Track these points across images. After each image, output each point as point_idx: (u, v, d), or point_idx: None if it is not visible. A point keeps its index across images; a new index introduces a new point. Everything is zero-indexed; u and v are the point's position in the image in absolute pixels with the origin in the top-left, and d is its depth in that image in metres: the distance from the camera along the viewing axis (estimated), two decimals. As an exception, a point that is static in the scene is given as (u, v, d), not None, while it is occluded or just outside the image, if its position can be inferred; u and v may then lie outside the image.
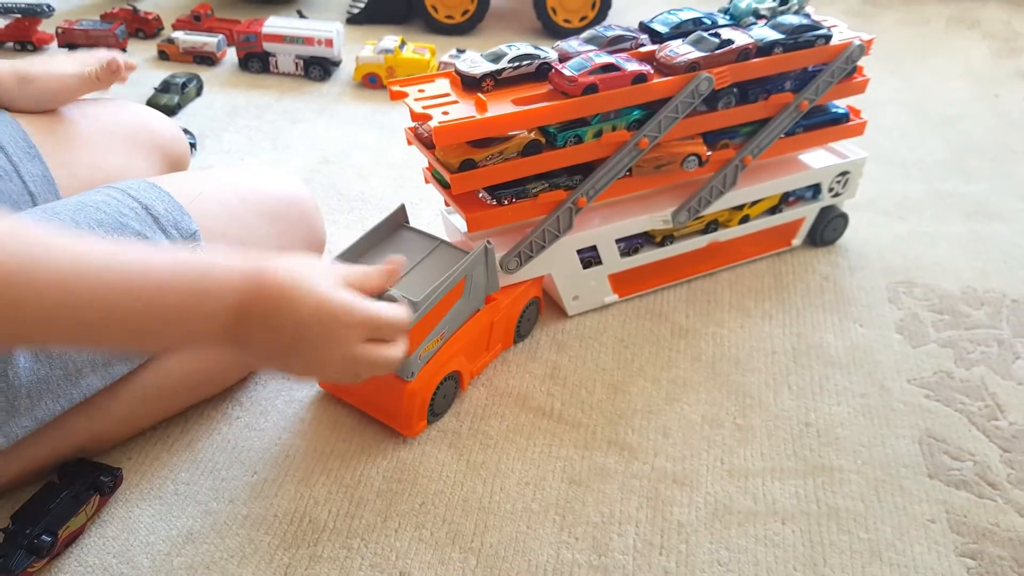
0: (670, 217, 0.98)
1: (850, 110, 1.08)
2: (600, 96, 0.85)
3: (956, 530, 0.76)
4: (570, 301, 0.99)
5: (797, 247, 1.13)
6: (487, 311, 0.89)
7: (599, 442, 0.84)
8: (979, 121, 1.54)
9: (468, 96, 0.85)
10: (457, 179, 0.84)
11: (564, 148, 0.87)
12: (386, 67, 1.57)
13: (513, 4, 2.06)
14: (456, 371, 0.85)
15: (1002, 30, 2.00)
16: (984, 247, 1.16)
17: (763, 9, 1.00)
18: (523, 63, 0.87)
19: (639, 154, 0.91)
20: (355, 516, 0.76)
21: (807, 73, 0.99)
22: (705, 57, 0.89)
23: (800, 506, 0.78)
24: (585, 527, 0.75)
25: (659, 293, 1.04)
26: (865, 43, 0.99)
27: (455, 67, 0.88)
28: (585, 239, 0.95)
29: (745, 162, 0.98)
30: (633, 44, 0.93)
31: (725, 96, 0.94)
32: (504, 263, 0.90)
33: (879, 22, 2.06)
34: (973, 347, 0.98)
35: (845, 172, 1.09)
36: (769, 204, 1.07)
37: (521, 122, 0.84)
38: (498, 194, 0.88)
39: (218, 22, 1.77)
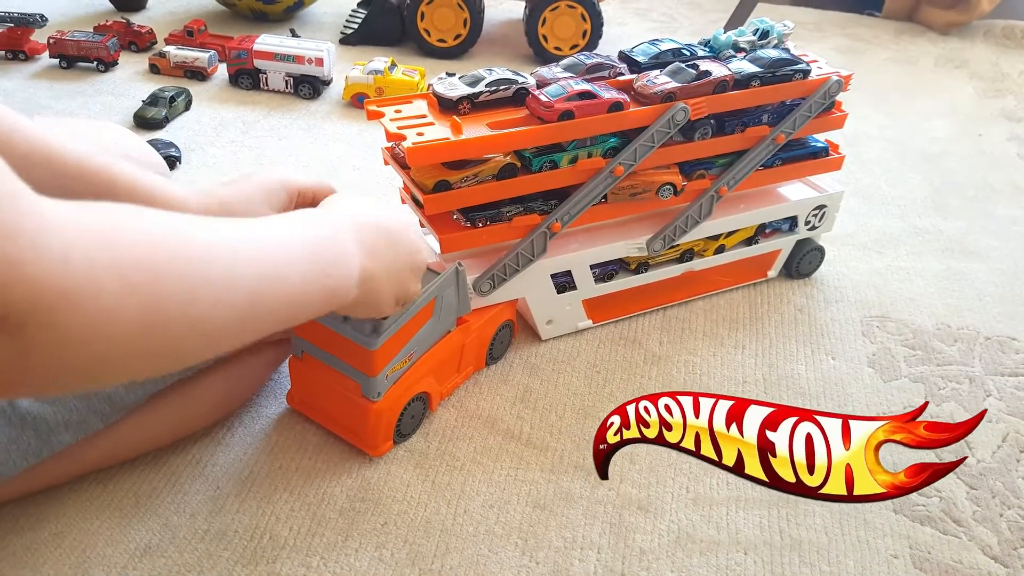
0: (645, 245, 0.98)
1: (829, 144, 1.09)
2: (576, 123, 0.85)
3: (919, 566, 0.76)
4: (544, 325, 0.99)
5: (773, 278, 1.13)
6: (458, 333, 0.89)
7: (566, 466, 0.84)
8: (961, 159, 1.56)
9: (444, 118, 0.85)
10: (431, 200, 0.84)
11: (539, 173, 0.88)
12: (375, 88, 1.58)
13: (505, 30, 2.08)
14: (425, 392, 0.85)
15: (989, 70, 2.03)
16: (959, 284, 1.17)
17: (743, 42, 1.01)
18: (500, 87, 0.87)
19: (614, 181, 0.91)
20: (316, 534, 0.75)
21: (785, 106, 1.00)
22: (682, 88, 0.89)
23: (763, 536, 0.78)
24: (547, 551, 0.75)
25: (634, 319, 1.05)
26: (843, 79, 1.00)
27: (432, 89, 0.88)
28: (560, 264, 0.95)
29: (721, 193, 0.99)
30: (612, 72, 0.94)
31: (702, 127, 0.94)
32: (477, 285, 0.90)
33: (868, 59, 2.08)
34: (944, 383, 0.98)
35: (822, 206, 1.09)
36: (745, 235, 1.07)
37: (495, 145, 0.84)
38: (472, 216, 0.88)
39: (211, 38, 1.78)
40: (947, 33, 2.26)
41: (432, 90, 0.88)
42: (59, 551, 0.72)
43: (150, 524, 0.75)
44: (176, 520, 0.76)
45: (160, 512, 0.77)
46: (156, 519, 0.76)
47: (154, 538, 0.74)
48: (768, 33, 1.02)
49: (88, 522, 0.75)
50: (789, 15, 2.37)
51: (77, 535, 0.74)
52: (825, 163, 1.08)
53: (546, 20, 1.83)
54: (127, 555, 0.73)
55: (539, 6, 1.81)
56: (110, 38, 1.69)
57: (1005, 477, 0.86)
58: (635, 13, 2.32)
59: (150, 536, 0.74)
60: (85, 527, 0.75)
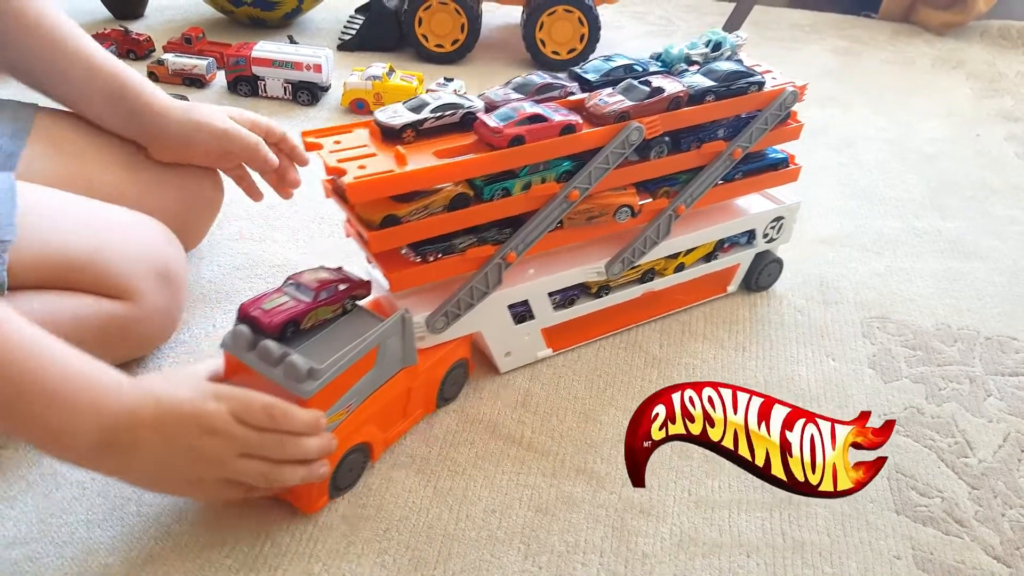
0: (604, 268, 0.95)
1: (788, 156, 1.07)
2: (527, 148, 0.81)
3: (922, 567, 0.76)
4: (502, 358, 0.94)
5: (733, 293, 1.11)
6: (404, 377, 0.82)
7: (567, 470, 0.84)
8: (959, 160, 1.56)
9: (388, 148, 0.80)
10: (377, 237, 0.79)
11: (492, 201, 0.84)
12: (373, 93, 1.58)
13: (503, 35, 2.09)
14: (365, 442, 0.80)
15: (986, 71, 2.03)
16: (959, 284, 1.17)
17: (695, 55, 0.98)
18: (446, 113, 0.83)
19: (570, 206, 0.88)
20: (318, 540, 0.75)
21: (741, 120, 0.97)
22: (635, 106, 0.86)
23: (766, 539, 0.78)
24: (549, 556, 0.75)
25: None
26: (798, 89, 0.97)
27: (374, 117, 0.83)
28: (517, 294, 0.91)
29: (679, 211, 0.96)
30: (562, 92, 0.90)
31: (657, 145, 0.91)
32: (431, 323, 0.85)
33: (865, 61, 2.09)
34: (945, 383, 0.98)
35: (780, 218, 1.07)
36: (704, 251, 1.04)
37: (443, 176, 0.79)
38: (423, 250, 0.83)
39: (209, 45, 1.78)
40: (943, 34, 2.27)
41: (374, 119, 0.83)
42: (60, 560, 0.72)
43: (152, 533, 0.75)
44: (178, 528, 0.76)
45: (162, 521, 0.77)
46: (158, 528, 0.76)
47: (156, 547, 0.74)
48: (721, 45, 1.00)
49: (89, 531, 0.75)
50: (785, 17, 2.37)
51: (79, 545, 0.74)
52: (784, 175, 1.05)
53: (543, 24, 1.83)
54: (129, 564, 0.72)
55: (537, 10, 1.82)
56: (108, 46, 1.69)
57: (1007, 477, 0.86)
58: (632, 16, 2.32)
59: (152, 545, 0.74)
60: (86, 536, 0.75)
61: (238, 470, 0.68)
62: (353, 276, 0.81)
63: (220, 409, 0.67)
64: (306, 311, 0.75)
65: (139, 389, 0.66)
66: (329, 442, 0.72)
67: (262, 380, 0.71)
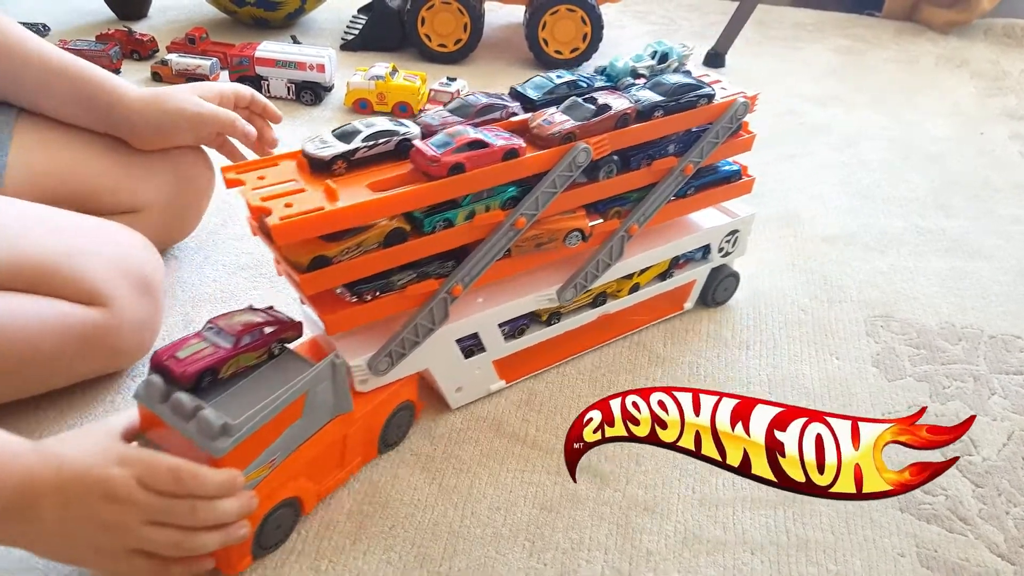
0: (556, 295, 0.90)
1: (741, 168, 1.03)
2: (468, 176, 0.76)
3: (926, 564, 0.76)
4: (453, 394, 0.90)
5: (689, 310, 1.08)
6: (338, 424, 0.76)
7: (572, 469, 0.84)
8: (963, 159, 1.56)
9: (317, 182, 0.74)
10: (308, 280, 0.73)
11: (433, 234, 0.78)
12: (376, 93, 1.59)
13: (506, 34, 2.09)
14: (294, 497, 0.74)
15: (990, 69, 2.03)
16: (963, 283, 1.17)
17: (642, 68, 0.94)
18: (380, 141, 0.77)
19: (517, 234, 0.83)
20: (324, 537, 0.76)
21: (691, 134, 0.93)
22: (581, 126, 0.82)
23: (770, 536, 0.78)
24: (554, 553, 0.75)
25: (638, 321, 1.05)
26: (749, 100, 0.94)
27: (302, 148, 0.77)
28: (465, 327, 0.86)
29: (631, 232, 0.92)
30: (503, 114, 0.85)
31: (606, 165, 0.87)
32: (374, 365, 0.79)
33: (869, 59, 2.08)
34: (949, 382, 0.98)
35: (735, 231, 1.04)
36: (659, 270, 1.00)
37: (379, 210, 0.73)
38: (359, 290, 0.77)
39: (212, 45, 1.79)
40: (947, 32, 2.27)
41: (302, 150, 0.77)
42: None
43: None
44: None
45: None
46: (164, 525, 0.76)
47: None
48: (668, 56, 0.96)
49: None
50: (788, 16, 2.37)
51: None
52: (738, 187, 1.02)
53: (546, 24, 1.83)
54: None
55: (539, 10, 1.82)
56: (112, 47, 1.70)
57: (1011, 475, 0.86)
58: (634, 16, 2.32)
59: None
60: None
61: (146, 539, 0.64)
62: (283, 316, 0.76)
63: (124, 475, 0.62)
64: (225, 359, 0.69)
65: (41, 454, 0.62)
66: (248, 502, 0.67)
67: (177, 435, 0.66)
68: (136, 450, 0.65)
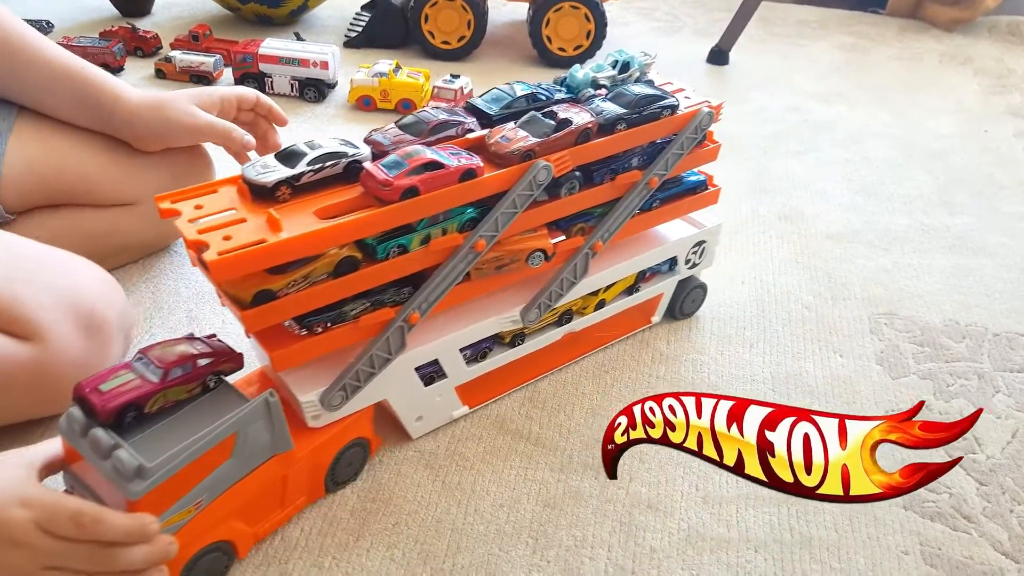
0: (519, 316, 0.87)
1: (707, 177, 0.99)
2: (422, 200, 0.71)
3: (930, 562, 0.76)
4: (413, 423, 0.86)
5: (657, 323, 1.05)
6: (277, 463, 0.71)
7: (575, 466, 0.84)
8: (967, 156, 1.56)
9: (259, 210, 0.68)
10: (251, 316, 0.67)
11: (387, 261, 0.73)
12: (380, 90, 1.59)
13: (509, 31, 2.09)
14: (224, 540, 0.69)
15: (994, 67, 2.03)
16: (967, 281, 1.17)
17: (603, 79, 0.90)
18: (327, 164, 0.72)
19: (476, 257, 0.79)
20: (327, 534, 0.76)
21: (655, 146, 0.89)
22: (541, 143, 0.78)
23: (773, 534, 0.78)
24: (557, 550, 0.75)
25: (642, 319, 1.05)
26: (714, 109, 0.90)
27: (242, 174, 0.71)
28: (424, 355, 0.82)
29: (596, 249, 0.89)
30: (459, 131, 0.81)
31: (568, 182, 0.83)
32: (327, 400, 0.75)
33: (872, 57, 2.08)
34: (953, 380, 0.98)
35: (701, 242, 1.01)
36: (625, 285, 0.97)
37: (326, 240, 0.68)
38: (308, 322, 0.72)
39: (216, 42, 1.79)
40: (951, 30, 2.26)
41: (242, 175, 0.71)
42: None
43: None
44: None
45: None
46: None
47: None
48: (629, 65, 0.92)
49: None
50: (792, 13, 2.37)
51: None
52: (704, 198, 0.98)
53: (550, 21, 1.83)
54: (140, 557, 0.73)
55: (543, 7, 1.82)
56: (116, 43, 1.70)
57: (1015, 473, 0.86)
58: (638, 13, 2.32)
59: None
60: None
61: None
62: (223, 347, 0.71)
63: (23, 517, 0.59)
64: (150, 393, 0.64)
65: None
66: (164, 548, 0.62)
67: (96, 472, 0.62)
68: (41, 491, 0.61)
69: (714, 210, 1.01)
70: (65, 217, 1.00)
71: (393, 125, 0.80)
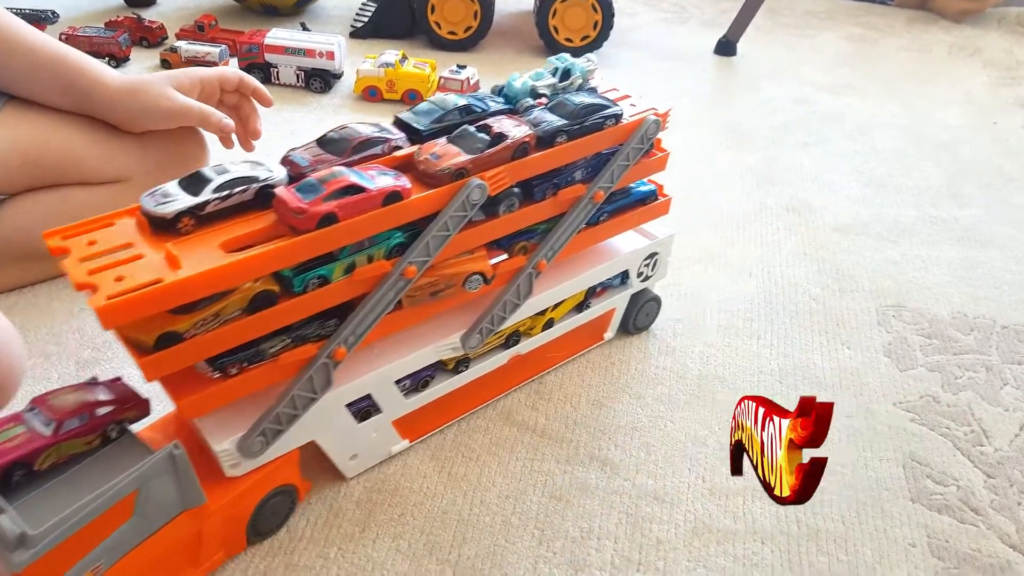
0: (460, 343, 0.82)
1: (656, 187, 0.94)
2: (342, 227, 0.65)
3: (937, 555, 0.76)
4: (347, 463, 0.80)
5: (611, 339, 1.00)
6: (188, 519, 0.65)
7: (581, 457, 0.84)
8: (976, 148, 1.55)
9: (158, 244, 0.62)
10: (152, 363, 0.60)
11: (306, 294, 0.67)
12: (386, 80, 1.58)
13: (515, 22, 2.08)
14: None
15: (1003, 58, 2.01)
16: (976, 273, 1.16)
17: (542, 87, 0.85)
18: (235, 190, 0.65)
19: (407, 284, 0.73)
20: (333, 525, 0.76)
21: (600, 158, 0.84)
22: (474, 159, 0.72)
23: (780, 526, 0.77)
24: (563, 542, 0.75)
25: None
26: (660, 116, 0.85)
27: (140, 204, 0.65)
28: (355, 390, 0.76)
29: (540, 268, 0.83)
30: (386, 148, 0.74)
31: (506, 199, 0.77)
32: (245, 447, 0.68)
33: (881, 48, 2.07)
34: (961, 372, 0.97)
35: (654, 254, 0.96)
36: (574, 302, 0.92)
37: (232, 277, 0.61)
38: (221, 363, 0.66)
39: (221, 32, 1.78)
40: (960, 21, 2.25)
41: (140, 206, 0.64)
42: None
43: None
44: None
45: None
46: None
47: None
48: (570, 73, 0.88)
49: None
50: (799, 4, 2.36)
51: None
52: (654, 208, 0.93)
53: (557, 11, 1.82)
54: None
55: (549, -3, 1.81)
56: (121, 34, 1.69)
57: (1023, 466, 0.85)
58: (645, 4, 2.31)
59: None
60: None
61: None
62: (126, 391, 0.66)
63: None
64: (40, 449, 0.59)
65: None
66: None
67: None
68: None
69: (666, 220, 0.96)
70: (55, 196, 1.00)
71: (313, 143, 0.74)
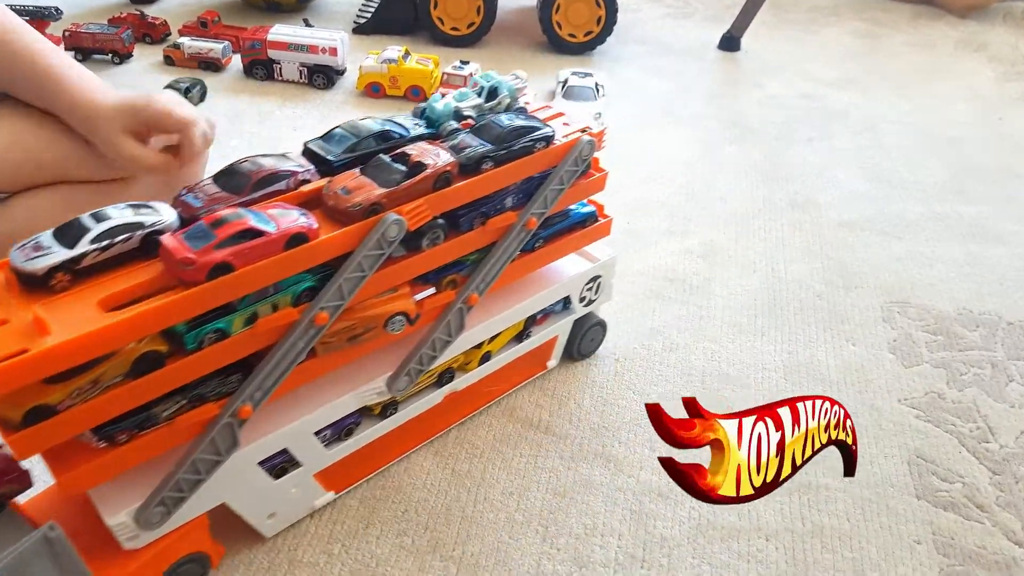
0: (385, 387, 0.75)
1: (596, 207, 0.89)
2: (237, 276, 0.58)
3: (942, 552, 0.76)
4: (265, 523, 0.73)
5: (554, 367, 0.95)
6: None
7: (585, 454, 0.83)
8: (981, 144, 1.54)
9: (27, 306, 0.55)
10: (22, 440, 0.54)
11: (201, 351, 0.60)
12: (389, 76, 1.58)
13: (519, 18, 2.07)
14: None
15: (1009, 53, 2.00)
16: (981, 269, 1.16)
17: (467, 109, 0.79)
18: (116, 240, 0.58)
19: (320, 332, 0.66)
20: (337, 521, 0.76)
21: (532, 182, 0.78)
22: (389, 193, 0.66)
23: (784, 523, 0.77)
24: (567, 538, 0.75)
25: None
26: (595, 137, 0.79)
27: (8, 260, 0.58)
28: (268, 446, 0.69)
29: (470, 303, 0.77)
30: (291, 183, 0.67)
31: (430, 231, 0.71)
32: (143, 518, 0.62)
33: (886, 43, 2.06)
34: (966, 369, 0.97)
35: (596, 277, 0.91)
36: (513, 332, 0.87)
37: (112, 339, 0.55)
38: (108, 432, 0.59)
39: (224, 29, 1.78)
40: (966, 16, 2.24)
41: (9, 260, 0.58)
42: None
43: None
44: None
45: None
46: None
47: (176, 526, 0.74)
48: (497, 91, 0.82)
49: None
50: (803, 0, 2.35)
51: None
52: (594, 231, 0.88)
53: (560, 7, 1.82)
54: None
55: (553, -7, 1.80)
56: (124, 30, 1.69)
57: (1029, 463, 0.85)
58: (649, -1, 2.30)
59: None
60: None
61: None
62: (6, 460, 0.61)
63: None
64: None
65: None
66: None
67: None
68: None
69: (609, 241, 0.90)
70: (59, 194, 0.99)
71: (209, 180, 0.67)
